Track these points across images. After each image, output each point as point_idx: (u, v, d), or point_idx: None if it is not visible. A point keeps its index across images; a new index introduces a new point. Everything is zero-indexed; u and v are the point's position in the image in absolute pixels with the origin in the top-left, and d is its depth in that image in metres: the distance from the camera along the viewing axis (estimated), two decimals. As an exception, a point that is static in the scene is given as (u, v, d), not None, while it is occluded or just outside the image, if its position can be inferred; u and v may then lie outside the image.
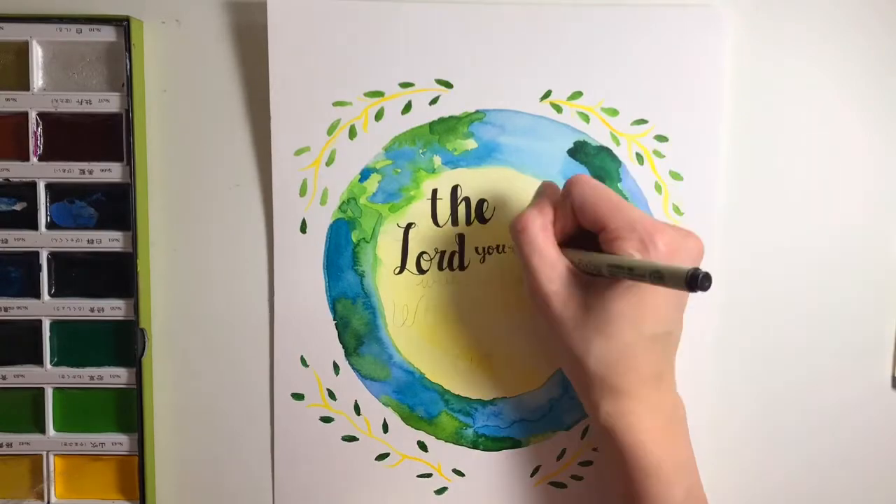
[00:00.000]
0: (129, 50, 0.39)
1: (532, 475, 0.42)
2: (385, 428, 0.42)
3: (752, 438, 0.42)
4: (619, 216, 0.34)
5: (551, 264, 0.35)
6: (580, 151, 0.41)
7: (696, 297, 0.37)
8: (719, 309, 0.42)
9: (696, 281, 0.27)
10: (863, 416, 0.42)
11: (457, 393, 0.42)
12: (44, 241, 0.41)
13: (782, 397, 0.42)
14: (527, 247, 0.35)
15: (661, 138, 0.40)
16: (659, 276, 0.29)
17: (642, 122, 0.40)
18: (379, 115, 0.40)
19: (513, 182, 0.41)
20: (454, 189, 0.41)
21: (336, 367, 0.41)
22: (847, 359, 0.42)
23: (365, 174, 0.41)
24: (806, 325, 0.42)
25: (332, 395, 0.42)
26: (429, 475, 0.42)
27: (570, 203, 0.35)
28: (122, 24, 0.39)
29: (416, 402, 0.42)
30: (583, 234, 0.36)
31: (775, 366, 0.42)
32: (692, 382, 0.40)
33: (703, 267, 0.30)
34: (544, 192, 0.37)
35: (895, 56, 0.41)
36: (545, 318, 0.35)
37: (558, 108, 0.40)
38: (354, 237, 0.41)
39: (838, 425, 0.42)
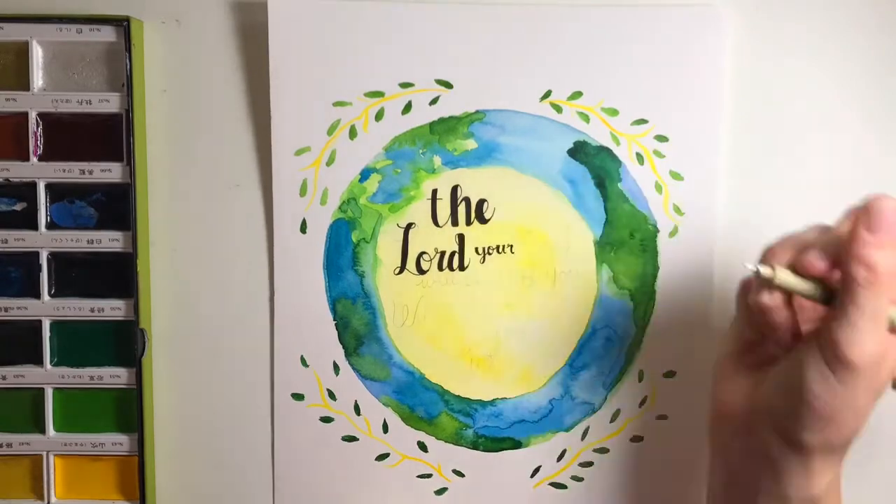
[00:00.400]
0: (129, 50, 0.39)
1: (532, 476, 0.42)
2: (385, 428, 0.42)
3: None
4: None
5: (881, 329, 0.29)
6: (580, 151, 0.41)
7: (696, 297, 0.37)
8: (719, 309, 0.41)
9: None
10: (863, 416, 0.42)
11: (457, 393, 0.42)
12: (44, 241, 0.41)
13: (783, 397, 0.42)
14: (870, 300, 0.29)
15: (661, 138, 0.40)
16: None
17: (642, 122, 0.40)
18: (379, 115, 0.40)
19: (513, 182, 0.41)
20: (454, 189, 0.41)
21: (336, 368, 0.41)
22: (847, 359, 0.42)
23: (365, 174, 0.41)
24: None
25: (332, 395, 0.42)
26: (429, 475, 0.42)
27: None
28: (122, 24, 0.39)
29: (416, 403, 0.42)
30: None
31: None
32: (692, 382, 0.40)
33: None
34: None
35: (895, 56, 0.41)
36: (864, 384, 0.29)
37: (558, 108, 0.40)
38: (354, 237, 0.41)
39: (839, 425, 0.42)
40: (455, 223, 0.41)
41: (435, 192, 0.41)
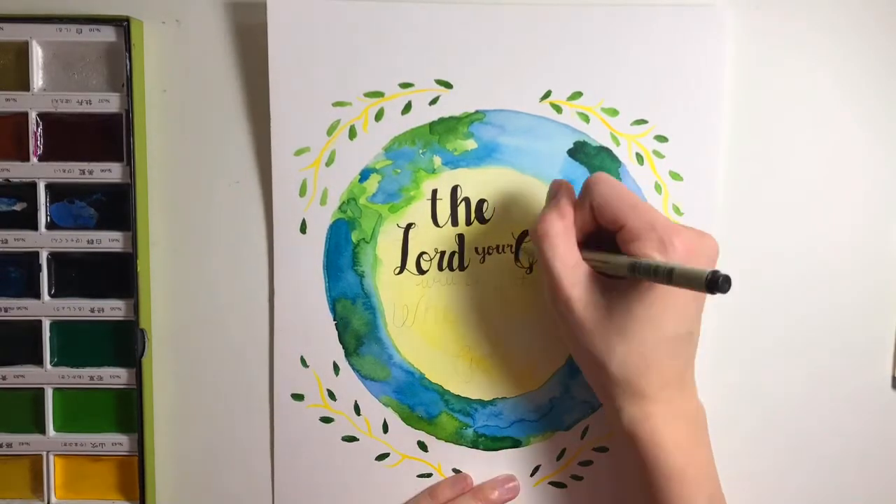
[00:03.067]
0: (129, 50, 0.39)
1: (532, 475, 0.42)
2: (385, 428, 0.42)
3: (751, 439, 0.42)
4: (638, 216, 0.34)
5: (573, 269, 0.35)
6: (580, 151, 0.41)
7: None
8: (719, 309, 0.41)
9: (716, 283, 0.28)
10: (863, 416, 0.42)
11: (457, 393, 0.42)
12: (44, 241, 0.41)
13: (782, 398, 0.42)
14: (549, 252, 0.35)
15: (661, 138, 0.40)
16: (679, 278, 0.29)
17: (642, 122, 0.40)
18: (379, 116, 0.40)
19: (513, 182, 0.41)
20: (454, 189, 0.41)
21: (336, 368, 0.41)
22: (847, 359, 0.42)
23: (365, 174, 0.41)
24: (806, 325, 0.42)
25: (332, 395, 0.42)
26: (429, 475, 0.42)
27: (590, 201, 0.35)
28: (122, 24, 0.39)
29: (416, 402, 0.42)
30: (599, 233, 0.36)
31: (775, 366, 0.42)
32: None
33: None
34: (561, 192, 0.37)
35: (894, 56, 0.41)
36: (566, 324, 0.35)
37: (558, 109, 0.40)
38: (354, 237, 0.41)
39: (838, 425, 0.42)
40: (455, 223, 0.41)
41: (435, 192, 0.41)
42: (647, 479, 0.35)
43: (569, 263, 0.35)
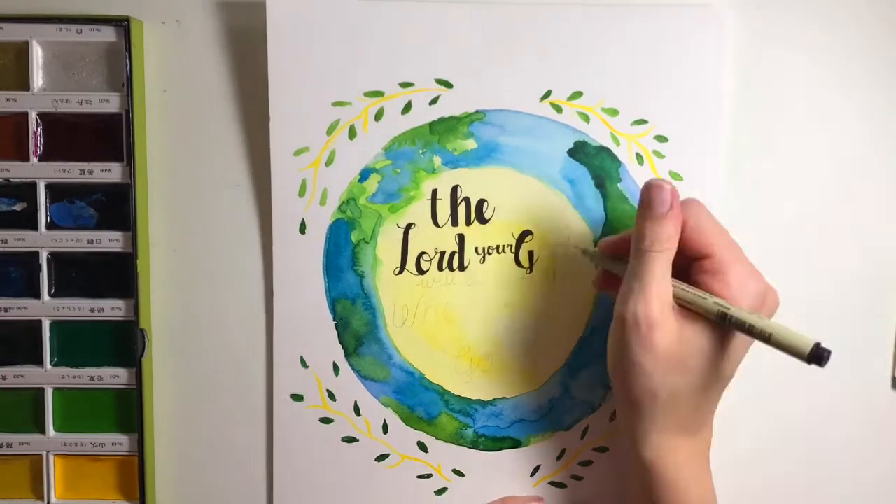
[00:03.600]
0: (129, 50, 0.39)
1: (532, 475, 0.42)
2: (385, 428, 0.42)
3: (750, 438, 0.42)
4: (728, 251, 0.34)
5: (666, 290, 0.34)
6: (580, 151, 0.41)
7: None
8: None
9: (821, 357, 0.28)
10: (863, 416, 0.42)
11: (457, 393, 0.42)
12: (44, 241, 0.41)
13: (781, 397, 0.42)
14: (655, 264, 0.34)
15: (661, 138, 0.40)
16: (778, 342, 0.30)
17: (642, 122, 0.40)
18: (379, 115, 0.40)
19: (513, 182, 0.41)
20: (454, 189, 0.41)
21: (336, 368, 0.41)
22: (847, 359, 0.42)
23: (364, 174, 0.41)
24: (806, 326, 0.41)
25: (331, 395, 0.42)
26: (429, 475, 0.42)
27: (685, 222, 0.34)
28: (122, 25, 0.39)
29: (416, 403, 0.42)
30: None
31: (774, 366, 0.42)
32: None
33: None
34: (676, 205, 0.34)
35: (895, 56, 0.41)
36: (629, 341, 0.34)
37: (558, 108, 0.40)
38: (354, 237, 0.41)
39: (838, 425, 0.42)
40: (455, 223, 0.41)
41: (435, 192, 0.41)
42: None
43: (664, 282, 0.34)
